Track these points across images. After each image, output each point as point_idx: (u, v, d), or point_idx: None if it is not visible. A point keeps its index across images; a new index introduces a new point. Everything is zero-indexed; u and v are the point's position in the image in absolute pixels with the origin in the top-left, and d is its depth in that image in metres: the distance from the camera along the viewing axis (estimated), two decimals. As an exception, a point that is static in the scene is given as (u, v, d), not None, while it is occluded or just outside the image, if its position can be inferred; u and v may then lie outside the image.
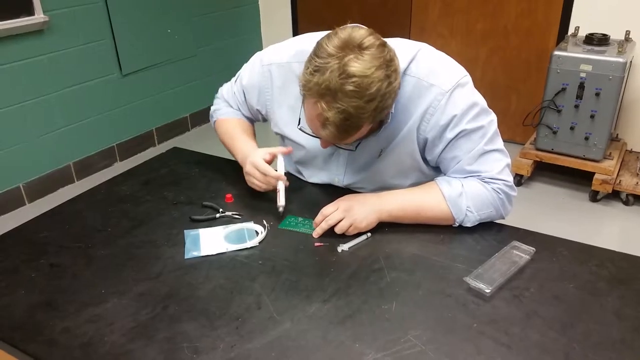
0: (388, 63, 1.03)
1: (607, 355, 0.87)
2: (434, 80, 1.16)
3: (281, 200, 1.25)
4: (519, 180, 3.00)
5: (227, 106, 1.50)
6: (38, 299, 1.03)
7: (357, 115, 1.02)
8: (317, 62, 1.02)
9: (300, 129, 1.26)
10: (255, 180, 1.29)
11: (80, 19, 2.98)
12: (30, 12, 2.70)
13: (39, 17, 2.73)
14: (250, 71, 1.39)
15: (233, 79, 1.49)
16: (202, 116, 3.93)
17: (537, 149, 2.95)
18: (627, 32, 2.82)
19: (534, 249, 1.12)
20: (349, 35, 1.02)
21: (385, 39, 1.16)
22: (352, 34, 1.02)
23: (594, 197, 2.84)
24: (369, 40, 1.02)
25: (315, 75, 1.01)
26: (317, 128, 1.09)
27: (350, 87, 0.99)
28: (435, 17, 3.54)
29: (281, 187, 1.26)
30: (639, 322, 0.94)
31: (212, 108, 1.54)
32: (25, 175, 2.92)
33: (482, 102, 1.19)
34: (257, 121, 1.51)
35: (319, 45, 1.04)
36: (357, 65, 0.99)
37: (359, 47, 1.01)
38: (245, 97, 1.43)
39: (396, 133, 1.22)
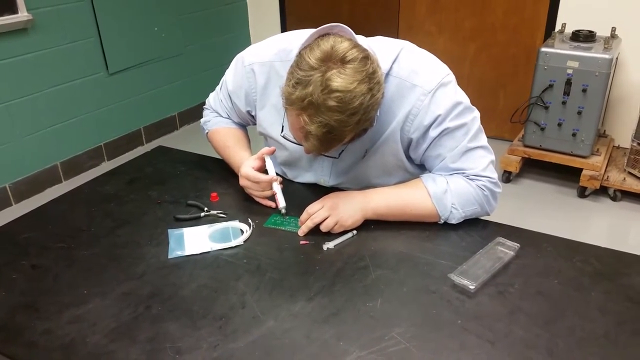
0: (370, 76, 1.01)
1: (591, 350, 0.88)
2: (417, 81, 1.15)
3: (281, 203, 1.24)
4: (507, 176, 3.01)
5: (216, 116, 1.48)
6: (19, 300, 1.01)
7: (340, 129, 1.01)
8: (299, 74, 1.00)
9: (283, 136, 1.25)
10: (253, 191, 1.28)
11: (65, 17, 2.95)
12: (13, 10, 2.66)
13: (22, 15, 2.70)
14: (234, 74, 1.37)
15: (218, 87, 1.47)
16: (191, 115, 3.90)
17: (525, 146, 2.96)
18: (613, 29, 2.84)
19: (518, 245, 1.12)
20: (332, 47, 1.00)
21: (368, 38, 1.16)
22: (335, 45, 1.00)
23: (582, 193, 2.86)
24: (352, 53, 1.00)
25: (297, 88, 0.99)
26: (300, 138, 1.08)
27: (332, 102, 0.97)
28: (423, 14, 3.54)
29: (277, 188, 1.25)
30: (622, 317, 0.94)
31: (202, 120, 1.51)
32: (11, 176, 2.89)
33: (466, 100, 1.18)
34: (248, 125, 1.49)
35: (300, 56, 1.02)
36: (340, 80, 0.97)
37: (342, 61, 0.99)
38: (232, 102, 1.41)
39: (380, 133, 1.21)
